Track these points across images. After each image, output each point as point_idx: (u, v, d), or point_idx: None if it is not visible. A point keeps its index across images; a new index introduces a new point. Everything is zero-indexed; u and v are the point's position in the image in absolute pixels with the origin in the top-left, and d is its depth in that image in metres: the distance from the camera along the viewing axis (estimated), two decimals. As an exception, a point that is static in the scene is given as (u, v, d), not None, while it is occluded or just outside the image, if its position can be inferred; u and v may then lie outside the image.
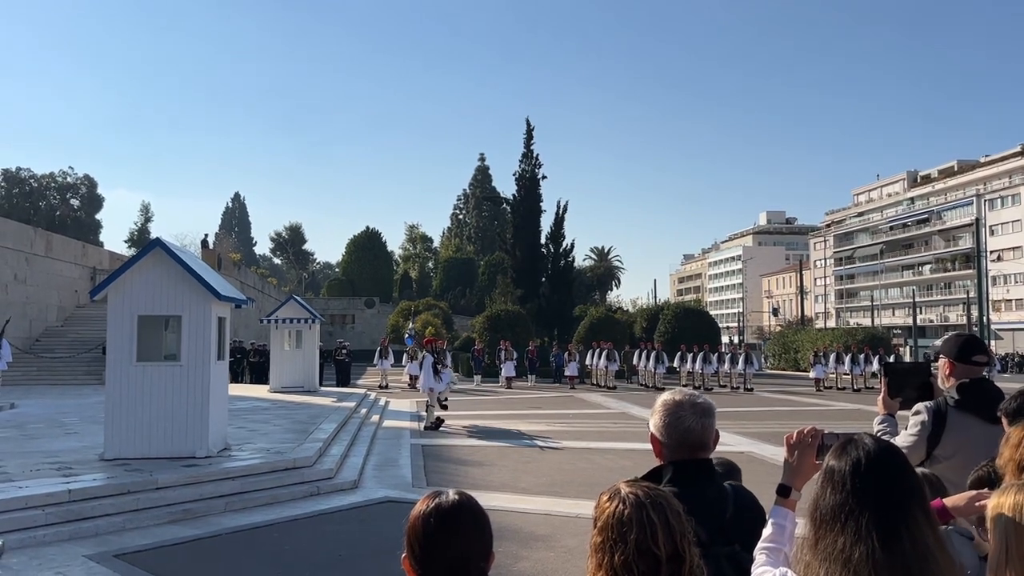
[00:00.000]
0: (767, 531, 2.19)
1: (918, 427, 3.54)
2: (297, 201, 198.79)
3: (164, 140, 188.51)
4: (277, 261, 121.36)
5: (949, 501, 2.46)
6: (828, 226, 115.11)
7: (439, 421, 17.95)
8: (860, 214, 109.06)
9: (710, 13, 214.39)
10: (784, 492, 2.28)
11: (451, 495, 1.86)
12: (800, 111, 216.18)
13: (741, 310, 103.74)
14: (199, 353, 10.83)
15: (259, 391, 24.60)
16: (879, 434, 3.41)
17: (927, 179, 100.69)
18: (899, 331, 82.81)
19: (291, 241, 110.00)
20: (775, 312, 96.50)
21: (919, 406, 3.61)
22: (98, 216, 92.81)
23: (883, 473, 1.77)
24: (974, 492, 2.45)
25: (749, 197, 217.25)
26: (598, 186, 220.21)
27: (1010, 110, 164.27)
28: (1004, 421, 2.89)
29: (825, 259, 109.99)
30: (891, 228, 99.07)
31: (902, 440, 3.46)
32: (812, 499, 1.85)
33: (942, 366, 3.75)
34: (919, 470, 2.74)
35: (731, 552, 2.08)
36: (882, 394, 3.73)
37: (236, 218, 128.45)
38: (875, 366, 32.91)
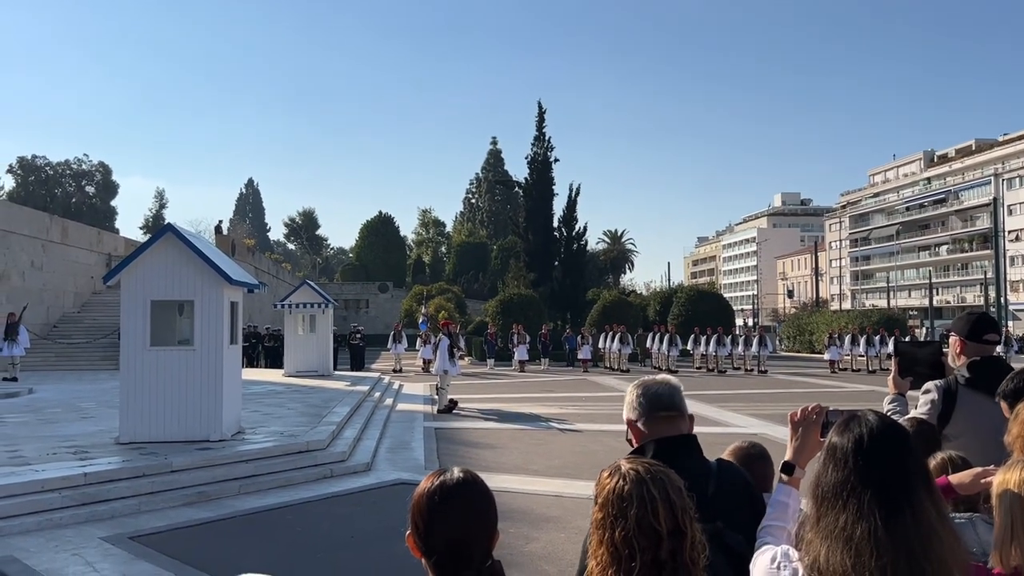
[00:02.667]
0: (770, 509, 2.18)
1: (928, 405, 3.51)
2: (311, 187, 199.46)
3: (178, 127, 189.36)
4: (291, 247, 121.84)
5: (954, 478, 2.43)
6: (844, 207, 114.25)
7: (453, 404, 18.01)
8: (876, 195, 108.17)
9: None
10: (788, 470, 2.27)
11: (456, 473, 1.86)
12: (815, 92, 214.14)
13: (755, 292, 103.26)
14: (212, 337, 10.90)
15: (274, 375, 24.76)
16: (889, 414, 3.38)
17: (944, 159, 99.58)
18: (915, 313, 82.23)
19: (305, 227, 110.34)
20: (790, 294, 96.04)
21: (929, 384, 3.58)
22: (113, 203, 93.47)
23: (886, 450, 1.75)
24: (979, 469, 2.42)
25: (764, 179, 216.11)
26: (611, 169, 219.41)
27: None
28: (1003, 405, 2.85)
29: (840, 240, 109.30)
30: (907, 209, 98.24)
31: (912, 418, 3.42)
32: (813, 476, 1.83)
33: (953, 344, 3.70)
34: (946, 453, 2.71)
35: (713, 529, 2.06)
36: (892, 373, 3.70)
37: (250, 204, 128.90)
38: (890, 348, 32.57)
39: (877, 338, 33.39)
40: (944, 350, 3.78)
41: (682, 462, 1.93)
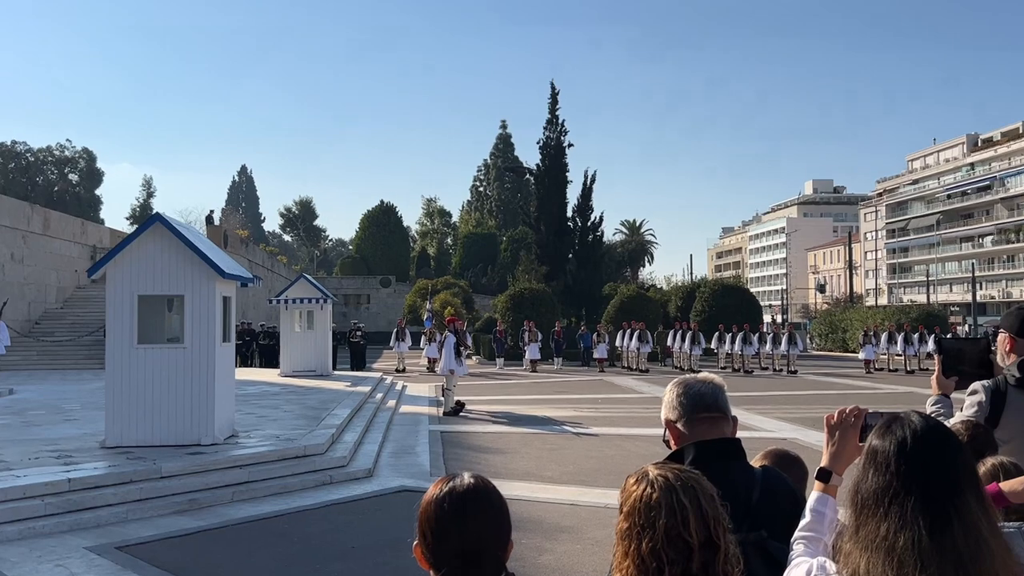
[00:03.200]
0: (805, 519, 2.16)
1: (975, 408, 3.48)
2: (308, 174, 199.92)
3: (168, 111, 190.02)
4: (287, 238, 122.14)
5: (1006, 485, 2.41)
6: (880, 195, 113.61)
7: (460, 406, 18.05)
8: (915, 182, 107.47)
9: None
10: (824, 477, 2.25)
11: (466, 478, 1.85)
12: (850, 71, 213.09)
13: (785, 287, 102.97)
14: (203, 335, 10.94)
15: (269, 375, 24.88)
16: (932, 416, 3.35)
17: (989, 143, 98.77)
18: (957, 308, 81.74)
19: (302, 217, 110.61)
20: (821, 289, 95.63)
21: (976, 385, 3.54)
22: (98, 192, 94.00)
23: (931, 453, 1.73)
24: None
25: (793, 165, 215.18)
26: (629, 155, 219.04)
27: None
28: None
29: (876, 231, 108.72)
30: (949, 196, 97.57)
31: (959, 421, 3.39)
32: (853, 482, 1.81)
33: (1002, 342, 3.66)
34: (997, 459, 2.69)
35: (758, 539, 2.06)
36: (936, 373, 3.67)
37: (243, 193, 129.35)
38: (930, 346, 32.54)
39: (916, 336, 33.24)
40: (992, 348, 3.74)
41: (725, 468, 1.93)
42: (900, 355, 33.20)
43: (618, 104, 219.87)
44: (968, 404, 3.50)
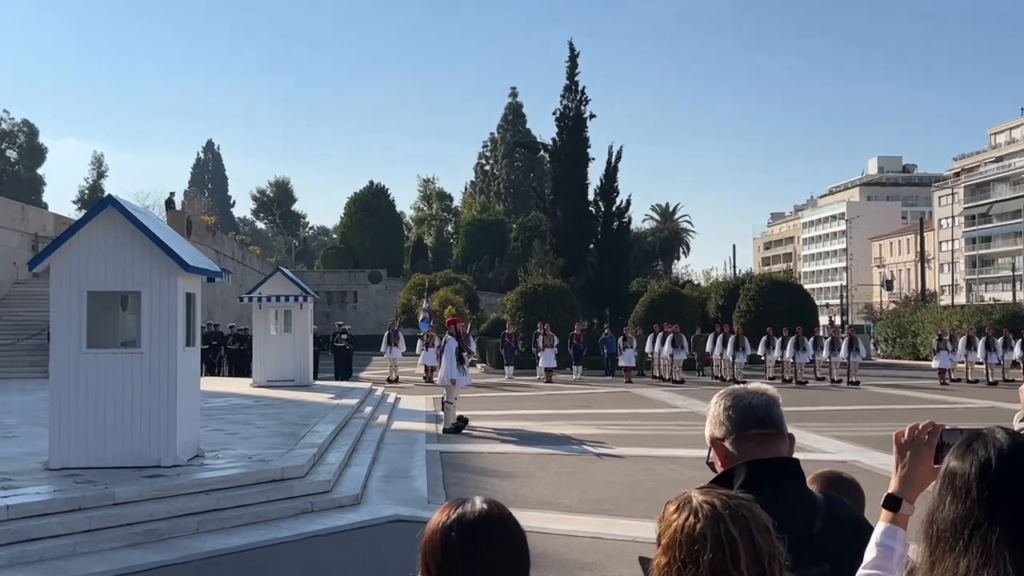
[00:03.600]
0: (871, 553, 2.16)
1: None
2: (285, 152, 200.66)
3: (122, 78, 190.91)
4: (261, 225, 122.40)
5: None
6: (957, 175, 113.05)
7: (462, 422, 18.08)
8: (999, 159, 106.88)
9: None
10: (893, 505, 2.24)
11: (478, 503, 1.86)
12: (922, 31, 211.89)
13: (844, 283, 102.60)
14: (163, 338, 10.98)
15: (239, 385, 24.97)
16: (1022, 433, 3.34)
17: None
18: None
19: (278, 201, 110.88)
20: (888, 285, 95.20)
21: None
22: (40, 171, 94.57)
23: (1020, 477, 1.72)
24: None
25: (855, 141, 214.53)
26: (661, 128, 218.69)
27: None
28: None
29: (952, 217, 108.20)
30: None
31: None
32: (927, 511, 1.81)
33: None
34: None
35: (819, 573, 2.06)
36: None
37: (210, 172, 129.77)
38: (1017, 352, 32.41)
39: (1000, 340, 33.06)
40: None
41: (781, 492, 1.94)
42: (981, 363, 33.03)
43: (648, 68, 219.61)
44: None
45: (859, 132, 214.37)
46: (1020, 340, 32.84)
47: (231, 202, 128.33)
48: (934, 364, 33.17)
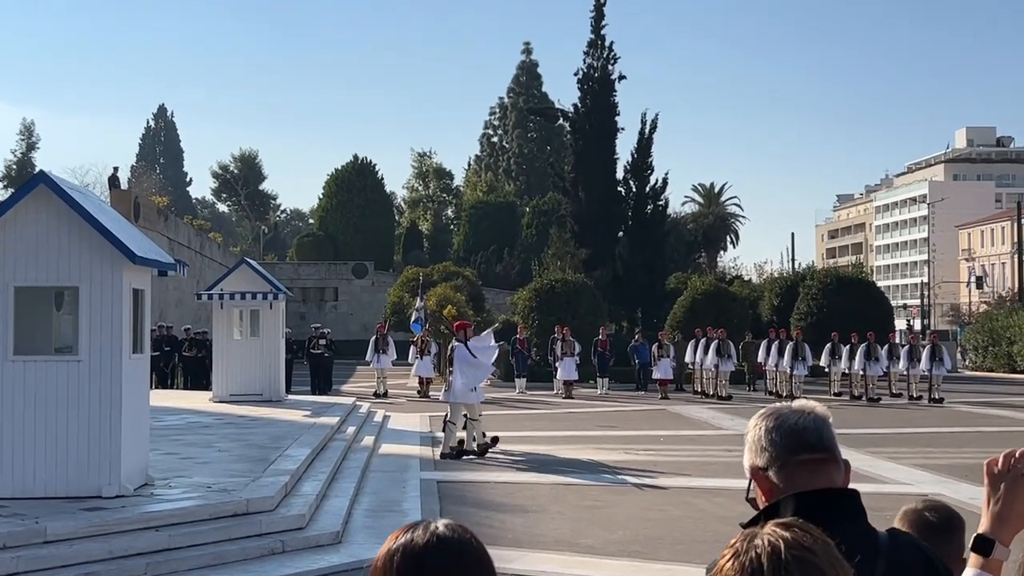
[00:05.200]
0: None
1: None
2: (253, 119, 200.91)
3: (57, 31, 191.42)
4: (223, 208, 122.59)
5: None
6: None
7: (493, 441, 18.19)
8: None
9: None
10: (983, 548, 2.25)
11: (434, 527, 1.87)
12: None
13: (926, 279, 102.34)
14: (106, 343, 10.99)
15: (197, 400, 24.99)
16: None
17: None
18: None
19: (243, 178, 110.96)
20: (979, 282, 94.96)
21: None
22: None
23: None
24: None
25: (939, 110, 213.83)
26: (705, 93, 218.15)
27: None
28: None
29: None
30: None
31: None
32: (1025, 557, 1.80)
33: None
34: None
35: None
36: None
37: (162, 144, 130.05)
38: None
39: (1114, 350, 32.99)
40: None
41: (837, 531, 1.92)
42: (1091, 377, 32.97)
43: (689, 21, 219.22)
44: None
45: (944, 98, 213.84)
46: None
47: (188, 180, 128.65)
48: (1034, 378, 33.07)
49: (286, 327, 27.30)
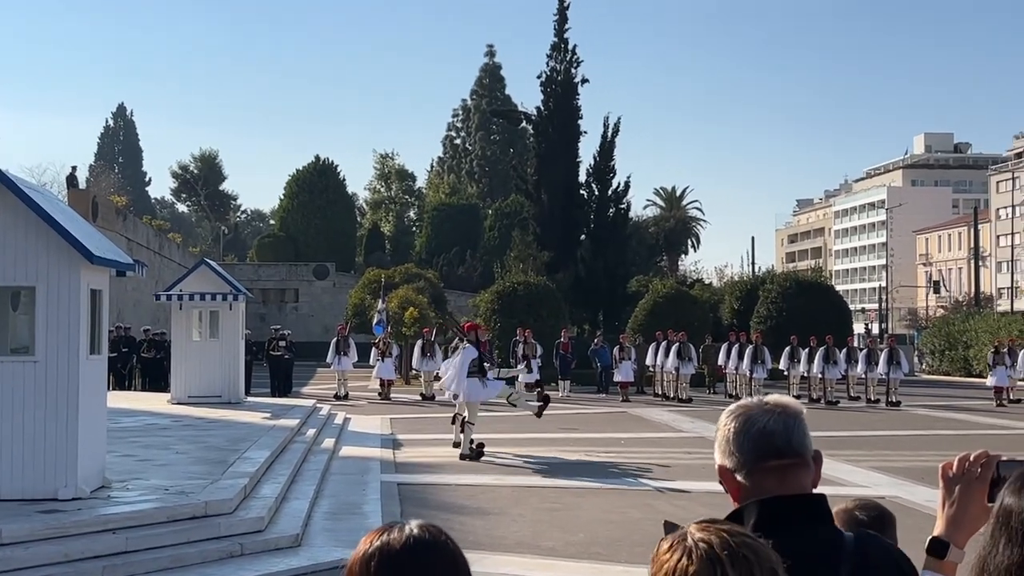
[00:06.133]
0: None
1: None
2: (213, 119, 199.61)
3: (13, 28, 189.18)
4: (182, 208, 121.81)
5: None
6: (1019, 155, 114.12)
7: (481, 448, 18.19)
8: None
9: None
10: (938, 550, 2.26)
11: (409, 528, 1.86)
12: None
13: (884, 283, 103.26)
14: (63, 344, 10.89)
15: (155, 402, 24.83)
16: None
17: None
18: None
19: (203, 178, 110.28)
20: (936, 287, 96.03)
21: None
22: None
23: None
24: None
25: (899, 116, 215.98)
26: (667, 97, 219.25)
27: None
28: None
29: (1013, 207, 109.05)
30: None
31: None
32: (978, 557, 1.82)
33: None
34: None
35: None
36: None
37: (121, 143, 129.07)
38: (1088, 369, 32.67)
39: (1068, 354, 33.39)
40: None
41: (803, 535, 1.93)
42: (1045, 381, 33.36)
43: (653, 26, 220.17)
44: None
45: (903, 104, 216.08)
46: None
47: (147, 180, 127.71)
48: (989, 382, 33.37)
49: (246, 328, 27.17)
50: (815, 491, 2.44)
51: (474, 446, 18.18)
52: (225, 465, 13.82)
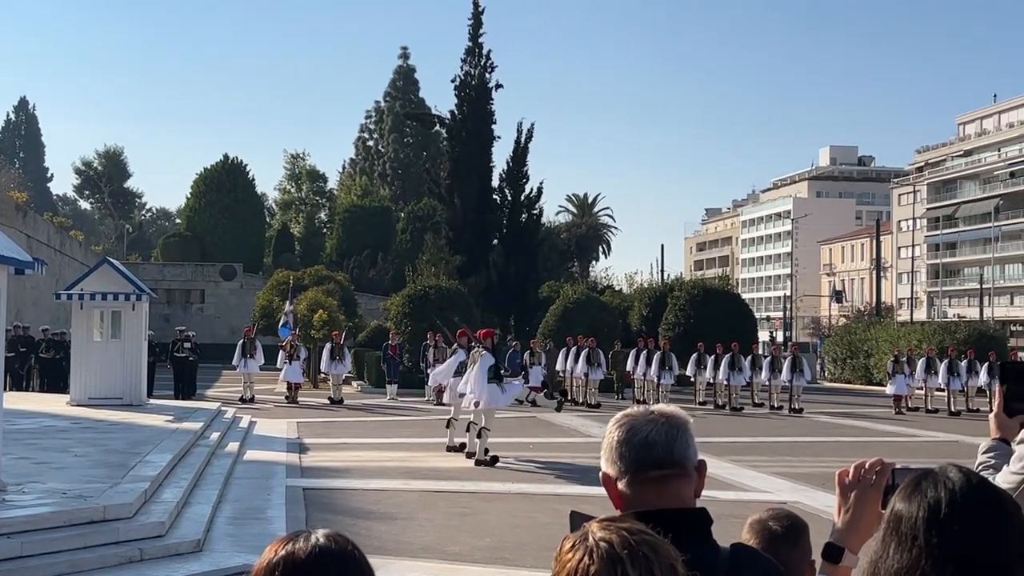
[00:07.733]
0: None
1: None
2: (117, 113, 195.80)
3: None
4: (85, 205, 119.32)
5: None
6: (920, 169, 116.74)
7: (468, 454, 18.23)
8: (967, 153, 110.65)
9: None
10: (833, 555, 2.30)
11: (315, 538, 1.86)
12: (884, 8, 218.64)
13: (788, 292, 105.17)
14: (-43, 343, 10.64)
15: (53, 403, 24.37)
16: (980, 468, 3.44)
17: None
18: (1021, 328, 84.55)
19: (107, 175, 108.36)
20: (838, 296, 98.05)
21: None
22: None
23: (974, 521, 1.79)
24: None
25: (806, 129, 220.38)
26: (580, 105, 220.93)
27: None
28: None
29: (914, 219, 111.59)
30: (1013, 175, 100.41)
31: (1004, 479, 3.44)
32: (869, 562, 1.86)
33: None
34: None
35: None
36: (996, 409, 3.68)
37: (22, 138, 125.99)
38: (983, 378, 33.41)
39: (964, 363, 34.17)
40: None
41: (679, 548, 1.93)
42: (943, 390, 34.11)
43: (566, 33, 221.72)
44: (1017, 457, 3.53)
45: (810, 117, 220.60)
46: (987, 364, 33.68)
47: (49, 176, 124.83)
48: (889, 390, 33.95)
49: (149, 329, 26.72)
50: (698, 504, 2.42)
51: (488, 455, 18.09)
52: (126, 469, 13.61)
